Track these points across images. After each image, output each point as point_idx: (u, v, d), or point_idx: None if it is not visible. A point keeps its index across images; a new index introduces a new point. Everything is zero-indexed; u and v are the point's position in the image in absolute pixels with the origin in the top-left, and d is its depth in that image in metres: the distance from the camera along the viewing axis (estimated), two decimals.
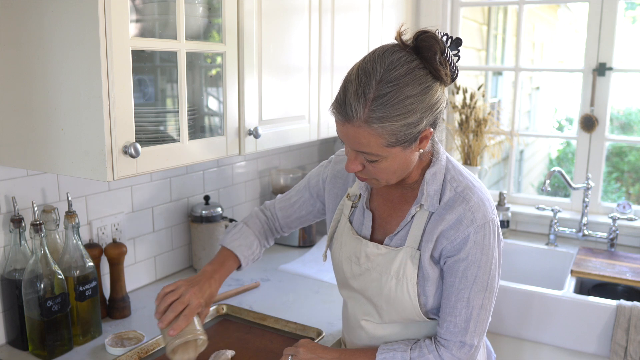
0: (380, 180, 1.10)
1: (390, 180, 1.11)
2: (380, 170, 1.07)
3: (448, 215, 1.10)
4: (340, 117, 1.02)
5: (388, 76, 0.98)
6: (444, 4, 2.50)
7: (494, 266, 1.11)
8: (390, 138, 1.00)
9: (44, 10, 1.14)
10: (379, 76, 0.98)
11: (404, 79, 0.98)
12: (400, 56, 1.00)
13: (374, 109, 0.97)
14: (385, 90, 0.97)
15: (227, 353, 1.35)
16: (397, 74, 0.98)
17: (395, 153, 1.04)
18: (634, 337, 1.72)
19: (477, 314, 1.11)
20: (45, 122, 1.20)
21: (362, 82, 0.99)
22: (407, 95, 0.98)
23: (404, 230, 1.16)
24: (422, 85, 0.99)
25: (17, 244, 1.37)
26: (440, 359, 1.12)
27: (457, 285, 1.11)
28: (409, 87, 0.98)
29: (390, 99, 0.97)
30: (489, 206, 1.11)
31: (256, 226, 1.40)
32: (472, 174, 1.18)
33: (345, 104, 1.00)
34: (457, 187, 1.12)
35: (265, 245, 1.41)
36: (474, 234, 1.08)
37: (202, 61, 1.52)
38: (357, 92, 0.99)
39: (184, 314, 1.14)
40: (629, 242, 2.30)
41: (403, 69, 0.98)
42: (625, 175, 6.41)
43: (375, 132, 0.99)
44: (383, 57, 1.00)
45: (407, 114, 0.99)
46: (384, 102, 0.97)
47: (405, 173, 1.11)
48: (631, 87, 5.91)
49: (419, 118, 1.00)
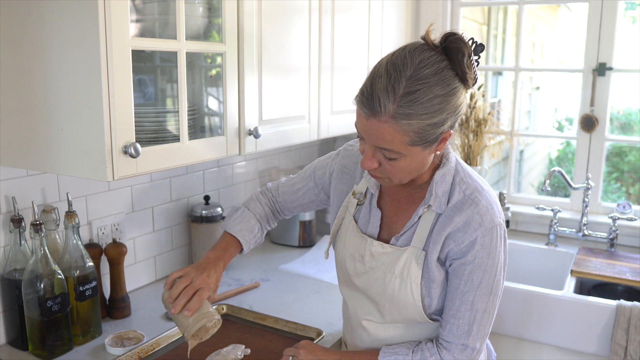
0: (394, 180, 1.10)
1: (404, 180, 1.10)
2: (396, 169, 1.06)
3: (456, 218, 1.10)
4: (366, 111, 1.00)
5: (418, 74, 0.97)
6: (444, 4, 2.50)
7: (499, 270, 1.11)
8: (415, 136, 0.99)
9: (44, 10, 1.14)
10: (409, 72, 0.97)
11: (434, 78, 0.97)
12: (430, 55, 0.99)
13: (403, 105, 0.96)
14: (415, 87, 0.96)
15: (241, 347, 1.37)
16: (427, 73, 0.97)
17: (415, 152, 1.03)
18: (634, 337, 1.72)
19: (481, 318, 1.11)
20: (45, 122, 1.20)
21: (392, 77, 0.97)
22: (435, 95, 0.97)
23: (410, 230, 1.15)
24: (450, 87, 0.99)
25: (17, 244, 1.37)
26: None
27: (462, 288, 1.10)
28: (437, 87, 0.98)
29: (419, 97, 0.96)
30: (497, 210, 1.11)
31: (257, 209, 1.40)
32: (480, 177, 1.17)
33: (373, 98, 0.98)
34: (466, 189, 1.11)
35: (266, 228, 1.41)
36: (482, 237, 1.08)
37: (202, 61, 1.53)
38: (386, 86, 0.97)
39: (197, 296, 1.16)
40: (629, 242, 2.30)
41: (433, 68, 0.98)
42: (625, 175, 6.41)
43: (401, 129, 0.98)
44: (414, 54, 0.99)
45: (434, 114, 0.98)
46: (414, 99, 0.96)
47: (419, 173, 1.11)
48: (631, 87, 5.91)
49: (444, 119, 1.00)
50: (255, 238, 1.36)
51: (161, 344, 1.40)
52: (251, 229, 1.35)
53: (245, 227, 1.35)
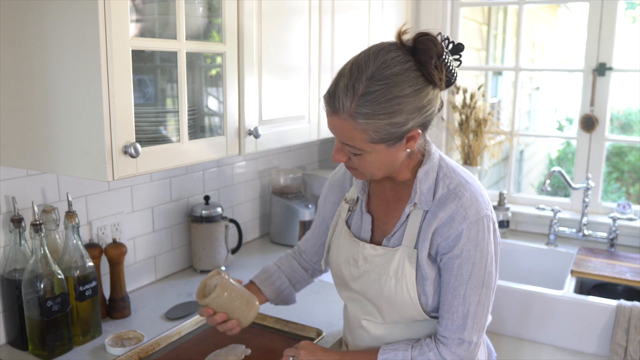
0: (366, 174, 1.12)
1: (376, 175, 1.12)
2: (365, 164, 1.08)
3: (441, 213, 1.10)
4: (328, 108, 1.04)
5: (379, 74, 0.99)
6: (444, 4, 2.50)
7: (489, 262, 1.11)
8: (374, 135, 1.01)
9: (44, 10, 1.14)
10: (370, 73, 0.99)
11: (395, 78, 0.99)
12: (395, 55, 1.00)
13: (361, 104, 0.99)
14: (375, 87, 0.98)
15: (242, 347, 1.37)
16: (388, 73, 0.99)
17: (379, 150, 1.05)
18: (634, 337, 1.72)
19: (475, 311, 1.11)
20: (45, 122, 1.20)
21: (354, 77, 1.00)
22: (395, 95, 0.99)
23: (400, 230, 1.16)
24: (413, 87, 1.00)
25: (17, 244, 1.37)
26: (440, 357, 1.12)
27: (453, 282, 1.11)
28: (398, 88, 0.99)
29: (377, 97, 0.98)
30: (482, 202, 1.11)
31: (283, 263, 1.45)
32: (467, 171, 1.18)
33: (335, 97, 1.02)
34: (449, 184, 1.12)
35: (292, 278, 1.44)
36: (467, 230, 1.08)
37: (202, 61, 1.52)
38: (347, 85, 1.00)
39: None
40: (629, 242, 2.30)
41: (396, 68, 0.99)
42: (625, 175, 6.41)
43: (360, 128, 1.01)
44: (378, 54, 1.01)
45: (393, 114, 0.99)
46: (372, 100, 0.98)
47: (391, 170, 1.12)
48: (631, 87, 5.91)
49: (405, 119, 1.01)
50: (278, 286, 1.41)
51: (161, 344, 1.40)
52: (272, 275, 1.42)
53: (266, 277, 1.41)
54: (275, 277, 1.41)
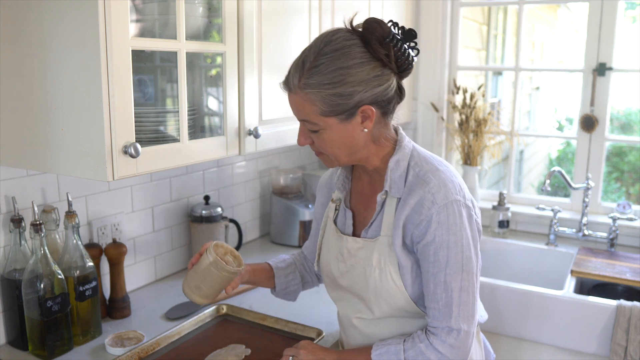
0: (331, 157, 1.15)
1: (339, 157, 1.15)
2: (325, 143, 1.12)
3: (410, 200, 1.12)
4: (283, 87, 1.12)
5: (325, 49, 1.06)
6: (444, 4, 2.50)
7: (466, 247, 1.11)
8: (323, 106, 1.07)
9: (44, 10, 1.14)
10: (317, 49, 1.07)
11: (338, 52, 1.06)
12: (342, 35, 1.08)
13: (307, 76, 1.06)
14: (321, 61, 1.06)
15: (242, 347, 1.37)
16: (332, 48, 1.06)
17: (332, 124, 1.09)
18: (634, 337, 1.72)
19: (459, 297, 1.11)
20: (45, 122, 1.20)
21: (304, 55, 1.09)
22: (338, 67, 1.05)
23: (377, 220, 1.18)
24: (355, 60, 1.06)
25: (17, 244, 1.37)
26: (431, 347, 1.11)
27: (432, 269, 1.11)
28: (342, 59, 1.05)
29: (322, 69, 1.05)
30: (452, 187, 1.11)
31: (298, 259, 1.48)
32: (441, 160, 1.19)
33: (288, 75, 1.10)
34: (419, 171, 1.14)
35: (304, 277, 1.46)
36: (437, 214, 1.09)
37: (202, 61, 1.53)
38: (297, 63, 1.09)
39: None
40: (629, 242, 2.30)
41: (340, 44, 1.07)
42: (625, 175, 6.41)
43: (308, 98, 1.07)
44: (327, 35, 1.09)
45: (337, 84, 1.05)
46: (317, 71, 1.06)
47: (353, 151, 1.14)
48: (631, 87, 5.91)
49: (350, 90, 1.06)
50: (287, 272, 1.43)
51: (161, 344, 1.40)
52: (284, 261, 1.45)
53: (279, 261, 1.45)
54: (290, 271, 1.43)
